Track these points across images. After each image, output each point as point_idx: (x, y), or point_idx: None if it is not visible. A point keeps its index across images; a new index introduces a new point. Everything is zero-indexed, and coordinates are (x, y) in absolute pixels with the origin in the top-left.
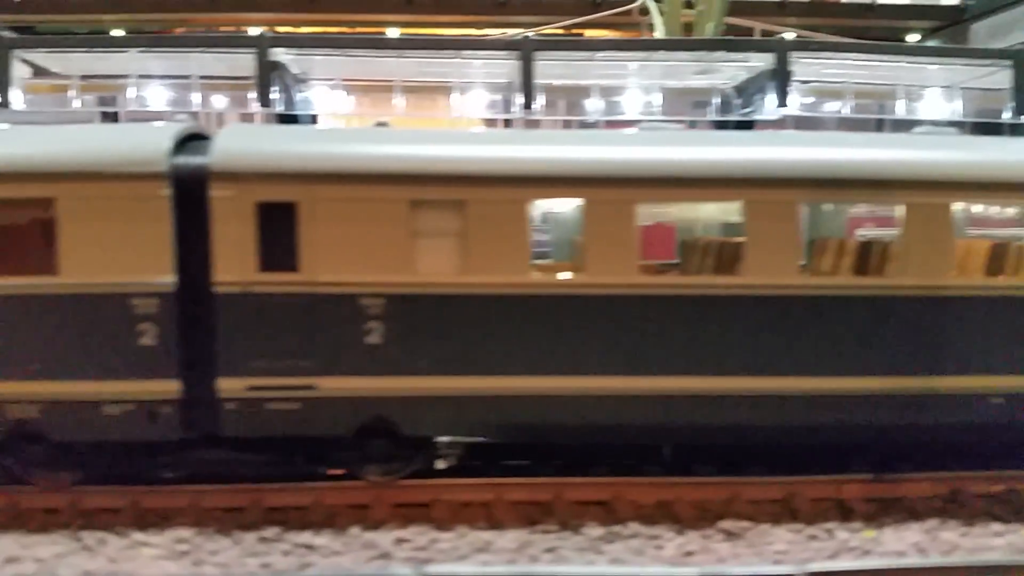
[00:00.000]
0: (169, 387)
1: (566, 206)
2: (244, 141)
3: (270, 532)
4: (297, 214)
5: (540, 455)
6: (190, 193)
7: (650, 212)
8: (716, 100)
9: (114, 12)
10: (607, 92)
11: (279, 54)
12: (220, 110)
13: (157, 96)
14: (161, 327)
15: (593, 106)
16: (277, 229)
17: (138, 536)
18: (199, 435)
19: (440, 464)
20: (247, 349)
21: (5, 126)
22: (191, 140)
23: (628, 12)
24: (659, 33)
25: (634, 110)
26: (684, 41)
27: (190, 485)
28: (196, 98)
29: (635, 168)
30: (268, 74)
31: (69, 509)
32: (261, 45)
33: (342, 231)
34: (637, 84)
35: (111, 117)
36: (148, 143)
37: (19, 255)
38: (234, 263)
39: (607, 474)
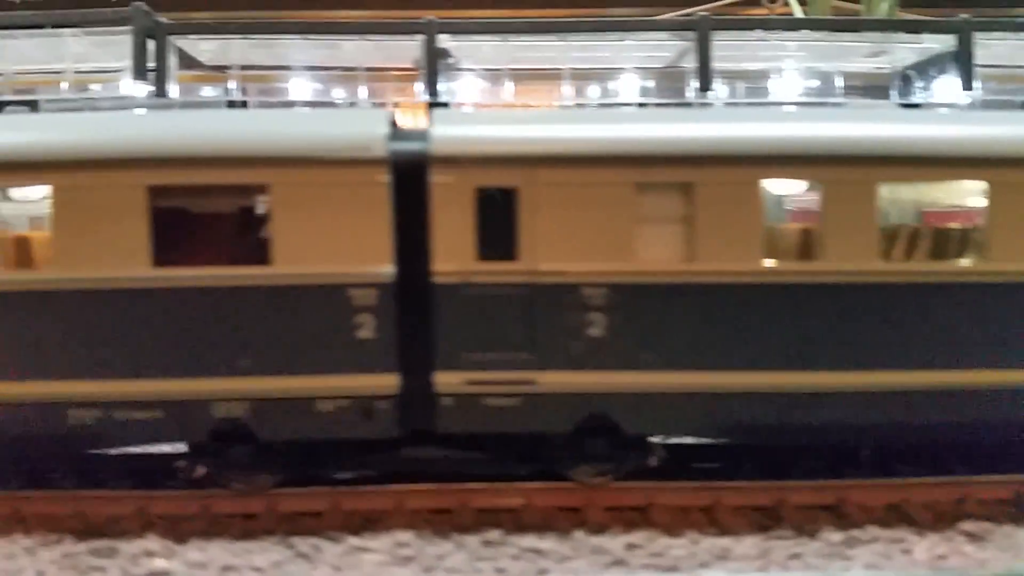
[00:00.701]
0: (387, 382)
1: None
2: (463, 126)
3: (492, 535)
4: (518, 200)
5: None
6: (408, 179)
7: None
8: (897, 83)
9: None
10: (763, 75)
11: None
12: (384, 101)
13: (309, 86)
14: (379, 319)
15: (774, 87)
16: (496, 216)
17: (353, 541)
18: (411, 432)
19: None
20: (465, 342)
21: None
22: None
23: None
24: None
25: (795, 93)
26: (863, 21)
27: (392, 486)
28: (362, 89)
29: (880, 146)
30: (436, 61)
31: (267, 514)
32: (430, 31)
33: (564, 217)
34: (801, 66)
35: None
36: (365, 128)
37: (229, 244)
38: (452, 252)
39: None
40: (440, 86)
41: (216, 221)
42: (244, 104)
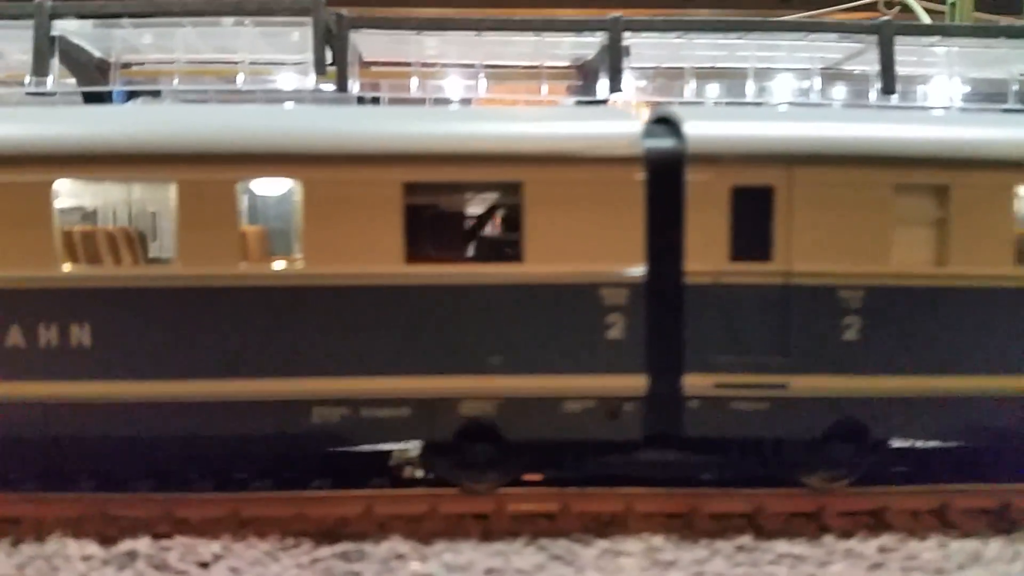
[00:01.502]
0: (636, 383)
1: None
2: (717, 123)
3: (742, 540)
4: (773, 199)
5: None
6: (662, 178)
7: None
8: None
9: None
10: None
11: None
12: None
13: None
14: (629, 319)
15: (930, 92)
16: (751, 216)
17: (602, 543)
18: (653, 435)
19: None
20: (715, 343)
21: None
22: None
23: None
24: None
25: (951, 99)
26: (1000, 28)
27: (621, 488)
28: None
29: None
30: (619, 59)
31: (499, 514)
32: (615, 28)
33: (820, 217)
34: (944, 72)
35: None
36: (620, 126)
37: (480, 242)
38: (704, 252)
39: None
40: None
41: (468, 219)
42: (376, 100)
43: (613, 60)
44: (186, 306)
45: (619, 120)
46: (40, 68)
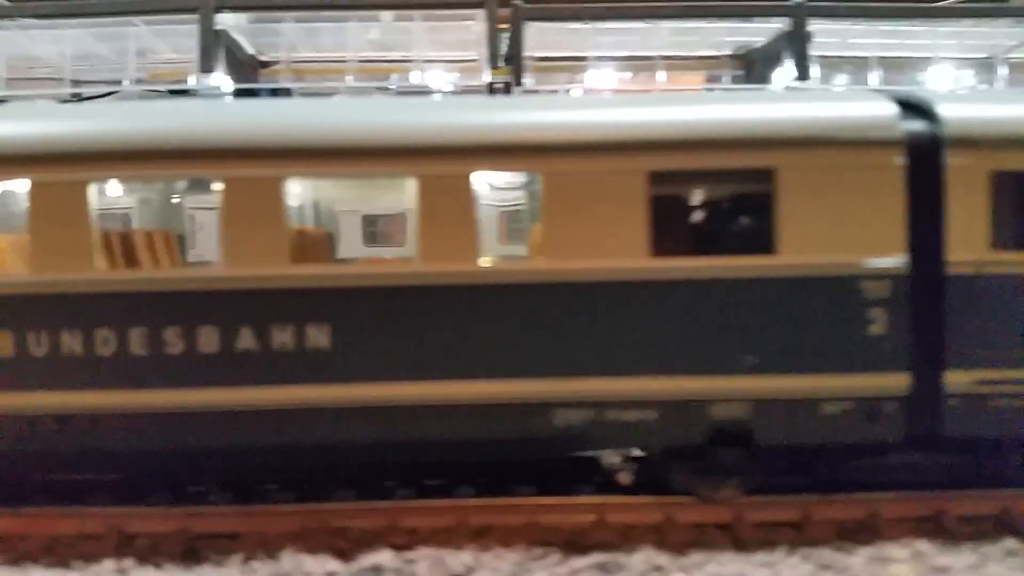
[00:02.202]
0: (897, 382)
1: None
2: (973, 106)
3: (1009, 544)
4: None
5: None
6: (920, 163)
7: None
8: None
9: None
10: None
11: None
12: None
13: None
14: (892, 313)
15: None
16: (1011, 202)
17: (865, 551)
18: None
19: None
20: (977, 338)
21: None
22: None
23: None
24: None
25: None
26: None
27: (858, 494)
28: (660, 75)
29: None
30: (805, 46)
31: (739, 523)
32: (799, 15)
33: None
34: None
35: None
36: (878, 108)
37: (729, 233)
38: (965, 241)
39: None
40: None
41: (714, 208)
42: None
43: (798, 47)
44: (423, 305)
45: (871, 102)
46: (206, 63)
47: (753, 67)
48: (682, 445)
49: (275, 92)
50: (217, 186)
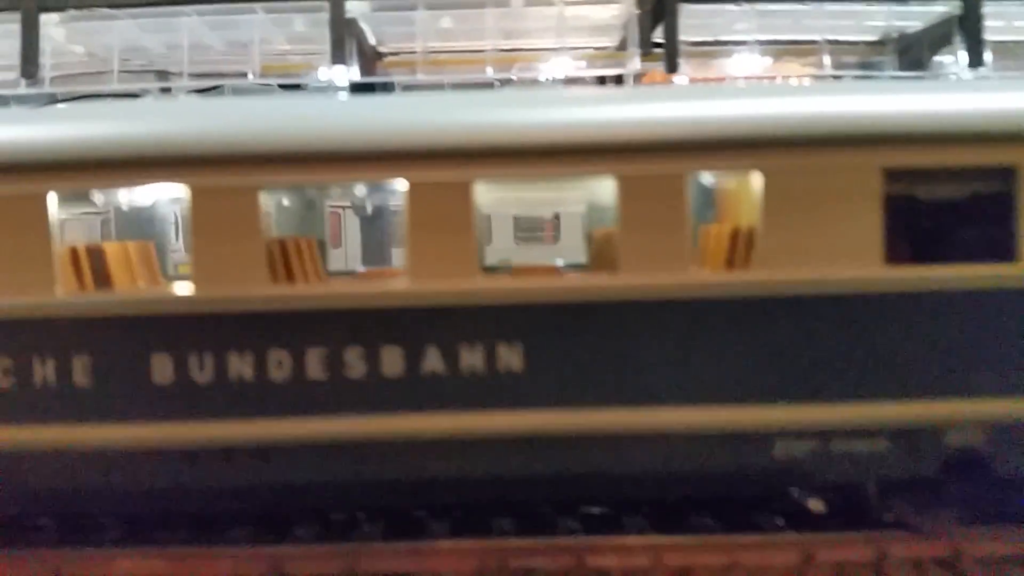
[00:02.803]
0: None
1: None
2: None
3: None
4: None
5: None
6: None
7: None
8: None
9: None
10: None
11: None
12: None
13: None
14: None
15: None
16: None
17: None
18: None
19: None
20: None
21: None
22: None
23: None
24: None
25: None
26: None
27: None
28: (825, 60)
29: None
30: (979, 29)
31: (962, 557)
32: None
33: None
34: None
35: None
36: None
37: (965, 238)
38: None
39: None
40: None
41: (950, 211)
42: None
43: (972, 31)
44: (633, 323)
45: None
46: (338, 55)
47: (907, 53)
48: (911, 477)
49: (385, 86)
50: (401, 188)
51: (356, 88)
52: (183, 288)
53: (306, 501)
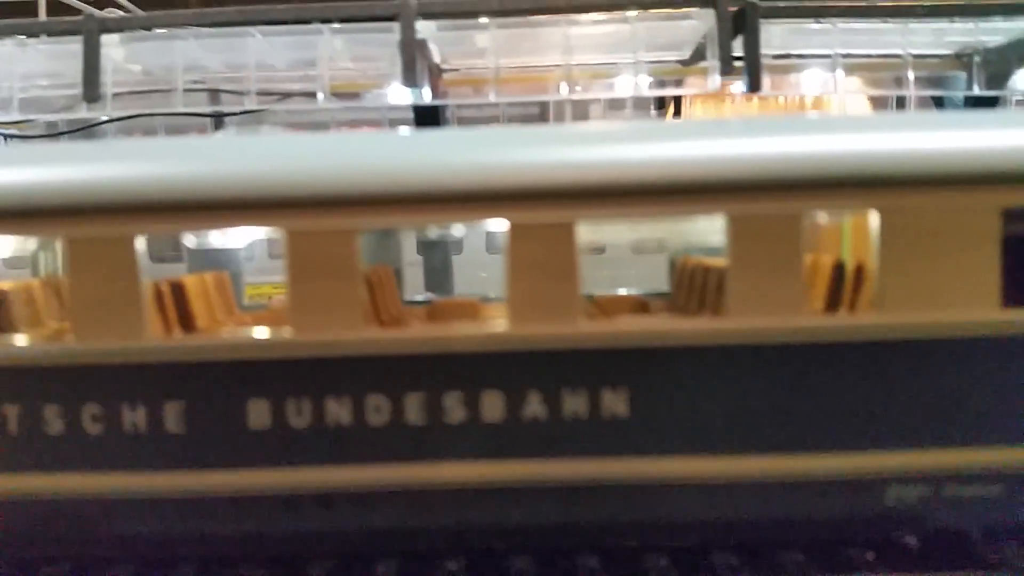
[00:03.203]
0: None
1: None
2: None
3: None
4: None
5: None
6: None
7: None
8: None
9: None
10: None
11: None
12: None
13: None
14: None
15: None
16: None
17: None
18: None
19: None
20: None
21: None
22: None
23: None
24: None
25: None
26: None
27: None
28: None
29: None
30: None
31: None
32: None
33: None
34: None
35: None
36: None
37: None
38: None
39: None
40: None
41: None
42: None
43: None
44: (737, 368)
45: None
46: (410, 77)
47: (979, 69)
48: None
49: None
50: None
51: (420, 108)
52: (280, 332)
53: (402, 547)
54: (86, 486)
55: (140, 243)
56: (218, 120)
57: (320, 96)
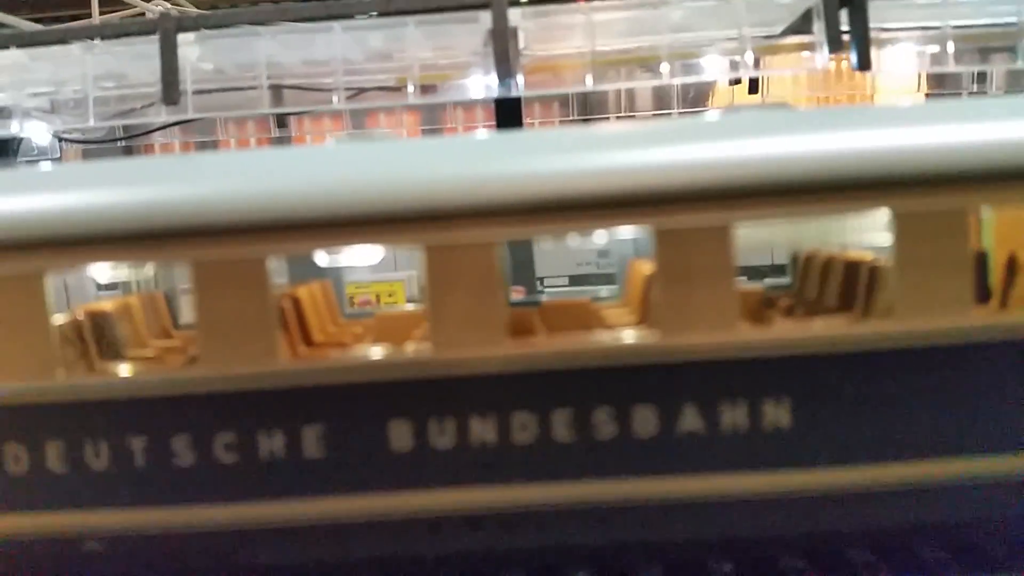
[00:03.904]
0: None
1: None
2: None
3: None
4: None
5: None
6: None
7: None
8: None
9: None
10: None
11: None
12: None
13: None
14: None
15: None
16: None
17: None
18: None
19: None
20: None
21: None
22: None
23: None
24: None
25: None
26: None
27: None
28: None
29: None
30: None
31: None
32: None
33: None
34: None
35: None
36: None
37: None
38: None
39: None
40: None
41: None
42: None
43: None
44: (905, 369)
45: None
46: (504, 69)
47: None
48: None
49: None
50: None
51: (503, 101)
52: (422, 351)
53: (551, 566)
54: (222, 517)
55: (271, 265)
56: (280, 118)
57: (411, 89)
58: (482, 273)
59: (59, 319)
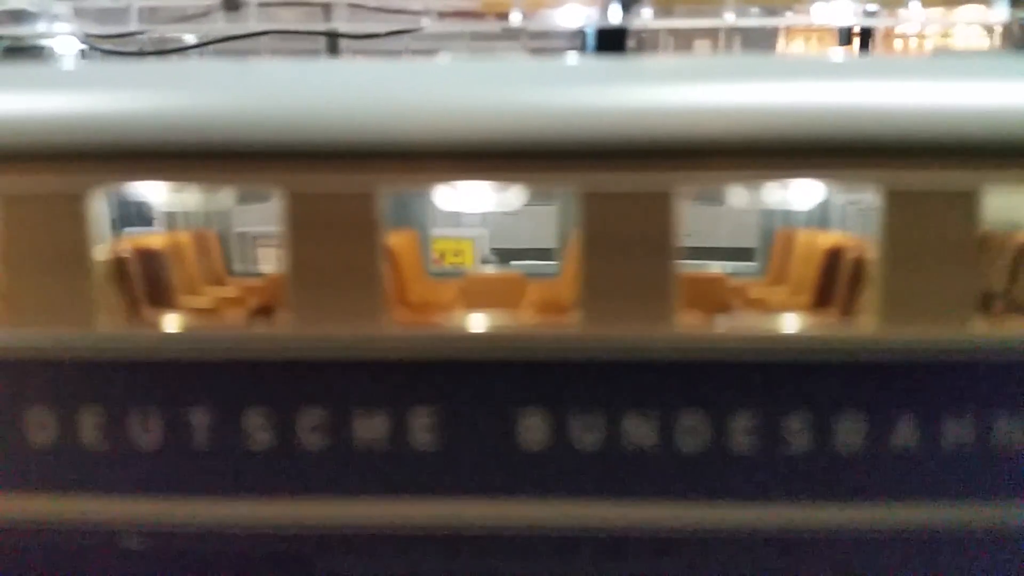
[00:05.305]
0: None
1: None
2: None
3: None
4: None
5: None
6: None
7: None
8: None
9: None
10: None
11: None
12: None
13: None
14: None
15: None
16: None
17: None
18: None
19: None
20: None
21: None
22: None
23: None
24: None
25: None
26: None
27: None
28: None
29: None
30: None
31: None
32: None
33: None
34: None
35: None
36: None
37: None
38: None
39: None
40: None
41: None
42: None
43: None
44: None
45: None
46: None
47: None
48: None
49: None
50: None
51: (606, 31)
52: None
53: None
54: (301, 515)
55: (380, 199)
56: (332, 42)
57: (518, 16)
58: (654, 229)
59: (101, 253)
